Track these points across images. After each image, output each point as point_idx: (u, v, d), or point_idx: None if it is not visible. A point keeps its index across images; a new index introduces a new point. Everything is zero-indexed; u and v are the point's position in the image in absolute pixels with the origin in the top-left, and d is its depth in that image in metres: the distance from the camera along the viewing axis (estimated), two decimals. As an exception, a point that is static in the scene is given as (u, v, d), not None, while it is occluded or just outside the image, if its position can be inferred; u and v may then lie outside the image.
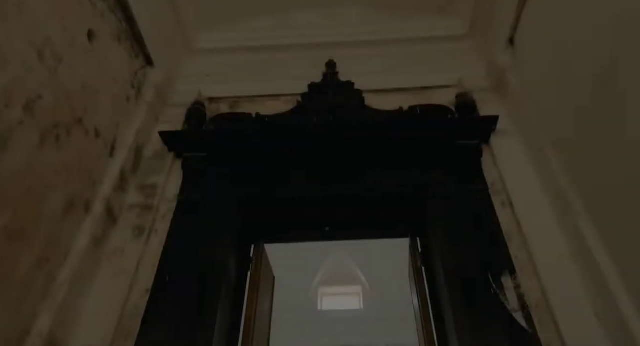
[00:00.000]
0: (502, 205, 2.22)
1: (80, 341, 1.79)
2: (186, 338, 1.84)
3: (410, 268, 2.59)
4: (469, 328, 1.82)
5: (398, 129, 2.51)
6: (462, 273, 1.99)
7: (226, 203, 2.33)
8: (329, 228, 2.58)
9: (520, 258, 2.01)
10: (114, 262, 2.06)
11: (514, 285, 1.91)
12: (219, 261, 2.09)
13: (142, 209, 2.27)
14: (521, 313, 1.82)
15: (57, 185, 1.80)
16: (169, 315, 1.91)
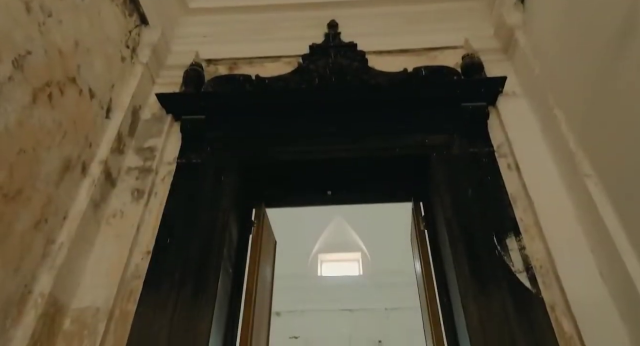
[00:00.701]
0: (508, 168, 2.18)
1: (83, 302, 1.79)
2: (188, 300, 1.83)
3: (412, 232, 2.58)
4: (472, 289, 1.81)
5: (402, 91, 2.44)
6: (466, 236, 1.97)
7: (226, 166, 2.28)
8: (331, 192, 2.54)
9: (526, 220, 1.99)
10: (113, 225, 2.03)
11: (518, 247, 1.90)
12: (220, 224, 2.07)
13: (141, 172, 2.23)
14: (525, 274, 1.82)
15: (52, 145, 1.75)
16: (170, 277, 1.90)
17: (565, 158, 1.99)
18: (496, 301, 1.77)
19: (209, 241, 2.02)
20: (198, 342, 1.72)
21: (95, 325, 1.73)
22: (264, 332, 2.44)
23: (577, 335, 1.65)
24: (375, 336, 6.96)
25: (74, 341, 1.69)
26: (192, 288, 1.87)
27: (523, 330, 1.67)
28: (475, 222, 2.01)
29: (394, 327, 6.92)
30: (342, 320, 7.13)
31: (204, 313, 1.80)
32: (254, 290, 2.21)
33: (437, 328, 2.04)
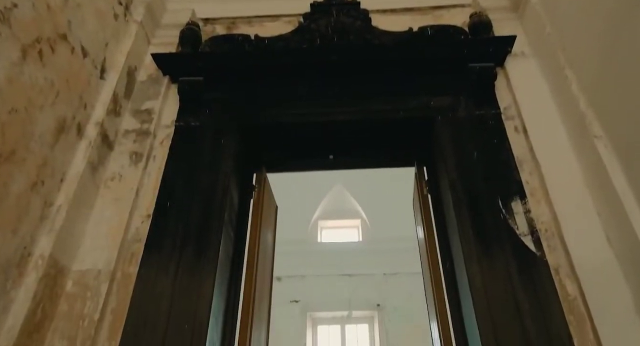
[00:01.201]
0: (515, 130, 2.13)
1: (85, 264, 1.78)
2: (190, 263, 1.82)
3: (415, 196, 2.55)
4: (476, 252, 1.80)
5: (406, 50, 2.35)
6: (470, 199, 1.94)
7: (225, 129, 2.23)
8: (333, 157, 2.50)
9: (532, 183, 1.96)
10: (112, 188, 2.00)
11: (524, 210, 1.87)
12: (220, 187, 2.03)
13: (139, 135, 2.17)
14: (530, 237, 1.80)
15: (45, 105, 1.69)
16: (171, 240, 1.88)
17: (575, 120, 1.93)
18: (500, 263, 1.76)
19: (209, 204, 1.99)
20: (201, 304, 1.72)
21: (98, 286, 1.73)
22: (266, 296, 2.46)
23: (580, 296, 1.65)
24: (374, 300, 7.11)
25: (77, 303, 1.68)
26: (193, 251, 1.85)
27: (526, 292, 1.67)
28: (480, 185, 1.98)
29: (392, 292, 7.05)
30: (341, 284, 7.25)
31: (207, 276, 1.79)
32: (256, 254, 2.21)
33: (439, 291, 2.05)
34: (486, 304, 1.67)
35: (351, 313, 7.11)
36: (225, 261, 2.01)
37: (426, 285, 2.41)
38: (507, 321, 1.62)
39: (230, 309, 2.03)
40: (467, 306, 1.78)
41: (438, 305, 2.00)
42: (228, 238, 2.05)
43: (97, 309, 1.68)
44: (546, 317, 1.61)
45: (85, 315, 1.66)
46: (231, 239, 2.13)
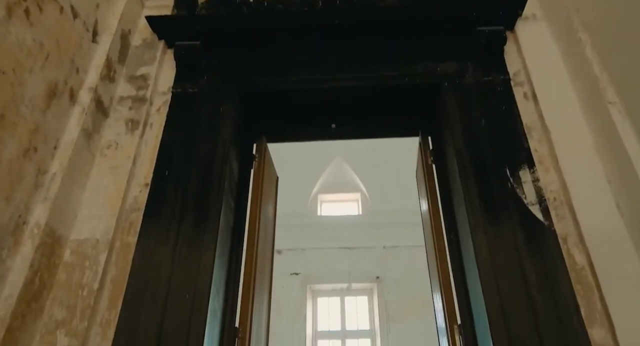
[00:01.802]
0: (524, 97, 2.06)
1: (82, 233, 1.74)
2: (190, 232, 1.78)
3: (419, 167, 2.50)
4: (482, 221, 1.76)
5: (412, 11, 2.24)
6: (477, 167, 1.88)
7: (224, 96, 2.15)
8: (335, 126, 2.43)
9: (541, 151, 1.90)
10: (108, 156, 1.94)
11: (532, 179, 1.82)
12: (220, 155, 1.97)
13: (134, 102, 2.10)
14: (538, 206, 1.76)
15: (35, 68, 1.61)
16: (170, 209, 1.84)
17: (588, 85, 1.86)
18: (507, 233, 1.72)
19: (209, 172, 1.93)
20: (202, 274, 1.69)
21: (96, 256, 1.69)
22: (267, 267, 2.44)
23: (589, 266, 1.62)
24: (374, 273, 7.16)
25: (75, 272, 1.65)
26: (193, 220, 1.81)
27: (533, 262, 1.64)
28: (487, 153, 1.92)
29: (392, 264, 7.10)
30: (341, 257, 7.29)
31: (207, 245, 1.75)
32: (257, 224, 2.17)
33: (443, 262, 2.02)
34: (492, 274, 1.64)
35: (351, 286, 7.18)
36: (226, 231, 1.97)
37: (429, 256, 2.39)
38: (514, 291, 1.59)
39: (232, 279, 2.00)
40: (473, 277, 1.75)
41: (442, 275, 1.98)
42: (228, 208, 2.01)
43: (97, 278, 1.65)
44: (553, 287, 1.58)
45: (84, 285, 1.63)
46: (231, 209, 2.08)
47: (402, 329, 6.45)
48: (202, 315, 1.61)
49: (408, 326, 6.47)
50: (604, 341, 1.49)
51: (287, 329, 6.58)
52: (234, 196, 2.15)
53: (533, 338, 1.49)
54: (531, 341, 1.49)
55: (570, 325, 1.51)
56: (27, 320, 1.48)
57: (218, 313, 1.80)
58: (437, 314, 2.21)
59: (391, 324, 6.56)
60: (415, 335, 6.31)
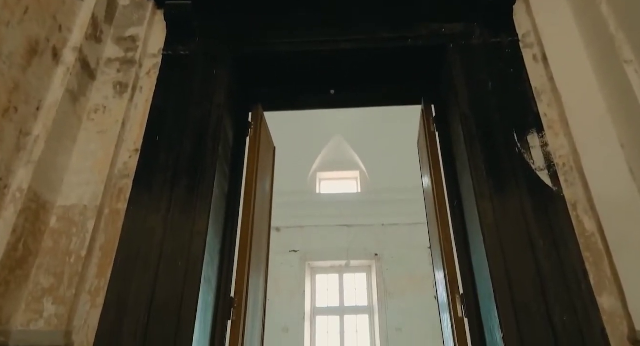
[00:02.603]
0: (534, 59, 1.95)
1: (69, 199, 1.66)
2: (182, 198, 1.70)
3: (421, 135, 2.41)
4: (488, 189, 1.68)
5: (418, -30, 2.12)
6: (483, 133, 1.80)
7: (218, 58, 2.04)
8: (334, 92, 2.32)
9: (550, 115, 1.81)
10: (96, 120, 1.84)
11: (540, 144, 1.74)
12: (214, 119, 1.88)
13: (123, 64, 1.99)
14: (547, 172, 1.68)
15: (12, 21, 1.50)
16: (162, 175, 1.76)
17: (603, 44, 1.75)
18: (514, 200, 1.64)
19: (202, 137, 1.84)
20: (195, 240, 1.62)
21: (84, 223, 1.62)
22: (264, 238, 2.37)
23: (599, 232, 1.55)
24: (372, 250, 7.16)
25: (62, 239, 1.58)
26: (186, 186, 1.73)
27: (541, 228, 1.57)
28: (494, 118, 1.83)
29: (391, 242, 7.10)
30: (340, 235, 7.28)
31: (200, 212, 1.68)
32: (253, 193, 2.09)
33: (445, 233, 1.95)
34: (498, 241, 1.57)
35: (349, 263, 7.19)
36: (221, 198, 1.89)
37: (430, 226, 2.33)
38: (520, 258, 1.53)
39: (227, 247, 1.94)
40: (477, 245, 1.69)
41: (444, 244, 1.91)
42: (223, 174, 1.93)
43: (84, 245, 1.58)
44: (561, 254, 1.52)
45: (71, 252, 1.56)
46: (226, 176, 2.00)
47: (400, 305, 6.49)
48: (196, 283, 1.54)
49: (406, 302, 6.51)
50: (613, 309, 1.44)
51: (286, 305, 6.60)
52: (229, 163, 2.06)
53: (539, 306, 1.44)
54: (537, 309, 1.43)
55: (578, 293, 1.45)
56: (11, 287, 1.41)
57: (212, 282, 1.74)
58: (438, 285, 2.16)
59: (389, 300, 6.59)
60: (413, 311, 6.35)
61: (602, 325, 1.40)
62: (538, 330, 1.40)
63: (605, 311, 1.43)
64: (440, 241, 1.94)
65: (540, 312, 1.43)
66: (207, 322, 1.66)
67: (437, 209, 2.02)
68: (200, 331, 1.57)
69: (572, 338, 1.38)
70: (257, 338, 2.13)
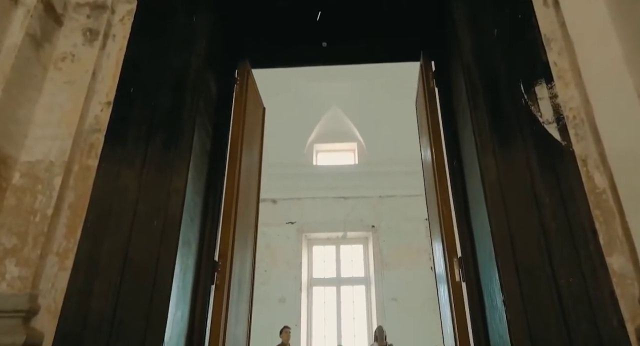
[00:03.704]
0: (543, 4, 1.77)
1: (34, 154, 1.52)
2: (158, 154, 1.57)
3: (420, 92, 2.26)
4: (491, 144, 1.55)
5: None
6: (487, 84, 1.65)
7: (199, 4, 1.86)
8: (326, 44, 2.15)
9: (561, 65, 1.65)
10: (64, 70, 1.68)
11: (549, 95, 1.59)
12: (193, 70, 1.73)
13: (93, 9, 1.81)
14: (555, 125, 1.54)
15: (-43, -51, 1.32)
16: (136, 129, 1.62)
17: (622, -16, 1.58)
18: (518, 155, 1.51)
19: (181, 89, 1.69)
20: (173, 199, 1.50)
21: (50, 179, 1.48)
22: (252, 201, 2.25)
23: (610, 189, 1.42)
24: (369, 222, 7.12)
25: (25, 197, 1.45)
26: (162, 142, 1.59)
27: (548, 185, 1.44)
28: (499, 68, 1.67)
29: (387, 213, 7.05)
30: (337, 206, 7.22)
31: (178, 168, 1.55)
32: (239, 151, 1.95)
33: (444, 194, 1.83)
34: (500, 199, 1.45)
35: (346, 234, 7.15)
36: (202, 157, 1.76)
37: (428, 190, 2.21)
38: (524, 216, 1.41)
39: (210, 209, 1.82)
40: (478, 203, 1.57)
41: (441, 206, 1.79)
42: (204, 132, 1.79)
43: (50, 204, 1.45)
44: (569, 212, 1.40)
45: (36, 210, 1.43)
46: (208, 133, 1.86)
47: (396, 276, 6.49)
48: (173, 244, 1.43)
49: (402, 273, 6.51)
50: (623, 271, 1.32)
51: (282, 276, 6.60)
52: (212, 120, 1.92)
53: (544, 267, 1.32)
54: (542, 270, 1.32)
55: (586, 254, 1.33)
56: (-32, 246, 1.29)
57: (193, 244, 1.62)
58: (435, 251, 2.06)
59: (385, 271, 6.58)
60: (409, 282, 6.35)
61: (611, 287, 1.29)
62: (542, 293, 1.29)
63: (615, 273, 1.32)
64: (438, 202, 1.82)
65: (544, 274, 1.31)
66: (187, 286, 1.56)
67: (435, 170, 1.89)
68: (179, 295, 1.46)
69: (578, 301, 1.27)
70: (245, 305, 2.04)
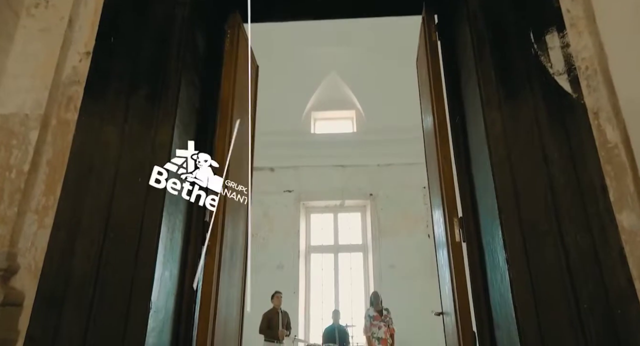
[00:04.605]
0: (557, -53, 1.64)
1: (7, 107, 1.43)
2: (142, 108, 1.47)
3: (421, 46, 2.13)
4: (498, 97, 1.45)
5: None
6: (495, 33, 1.54)
7: (182, -55, 1.71)
8: (322, -5, 2.01)
9: (574, 12, 1.54)
10: (37, 17, 1.56)
11: (560, 45, 1.48)
12: (179, 21, 1.61)
13: (68, -49, 1.66)
14: (566, 76, 1.44)
15: None
16: (118, 81, 1.51)
17: None
18: (526, 107, 1.42)
19: (165, 40, 1.58)
20: (158, 154, 1.41)
21: (26, 134, 1.39)
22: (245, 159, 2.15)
23: (623, 143, 1.34)
24: (367, 190, 7.08)
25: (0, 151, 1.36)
26: (146, 94, 1.49)
27: (556, 139, 1.36)
28: (508, 16, 1.56)
29: (385, 182, 7.00)
30: (335, 175, 7.16)
31: (164, 122, 1.45)
32: (230, 106, 1.85)
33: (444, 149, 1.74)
34: (505, 154, 1.37)
35: (344, 203, 7.13)
36: (189, 112, 1.66)
37: (428, 149, 2.12)
38: (531, 171, 1.33)
39: (200, 169, 1.73)
40: (481, 159, 1.48)
41: (442, 162, 1.70)
42: (192, 86, 1.68)
43: (27, 159, 1.36)
44: (578, 167, 1.32)
45: (11, 166, 1.35)
46: (197, 90, 1.75)
47: (393, 243, 6.50)
48: (159, 200, 1.35)
49: (399, 240, 6.52)
50: (633, 228, 1.26)
51: (281, 243, 6.60)
52: (200, 75, 1.80)
53: (550, 224, 1.26)
54: (547, 227, 1.26)
55: (595, 210, 1.27)
56: (-61, 203, 1.22)
57: (181, 203, 1.54)
58: (434, 212, 1.99)
59: (383, 239, 6.60)
60: (406, 249, 6.38)
61: (620, 245, 1.23)
62: (547, 251, 1.23)
63: (625, 230, 1.25)
64: (438, 160, 1.73)
65: (550, 231, 1.25)
66: (176, 246, 1.49)
67: (437, 127, 1.79)
68: (167, 254, 1.40)
69: (585, 259, 1.21)
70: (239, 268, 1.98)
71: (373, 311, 4.36)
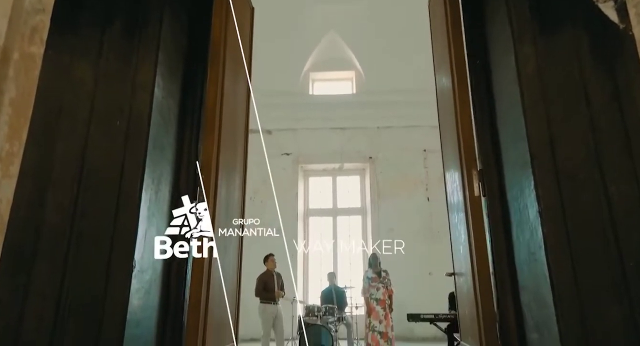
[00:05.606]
0: None
1: (-41, 38, 1.21)
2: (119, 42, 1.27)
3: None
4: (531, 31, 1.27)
5: None
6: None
7: None
8: None
9: None
10: None
11: (606, -32, 1.27)
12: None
13: None
14: (612, 3, 1.24)
15: None
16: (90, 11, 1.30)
17: None
18: (564, 42, 1.23)
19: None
20: (139, 94, 1.23)
21: (-16, 69, 1.19)
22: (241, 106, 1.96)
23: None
24: (366, 153, 6.95)
25: (-47, 89, 1.17)
26: (123, 27, 1.29)
27: (599, 76, 1.17)
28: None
29: (385, 144, 6.87)
30: (333, 137, 7.01)
31: (144, 59, 1.26)
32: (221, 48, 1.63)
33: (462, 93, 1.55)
34: (539, 95, 1.19)
35: (343, 165, 7.02)
36: (176, 54, 1.46)
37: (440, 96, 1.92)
38: (569, 114, 1.16)
39: (189, 117, 1.54)
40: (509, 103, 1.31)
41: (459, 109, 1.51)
42: (177, 23, 1.47)
43: (-14, 98, 1.17)
44: (624, 108, 1.14)
45: (-32, 105, 1.16)
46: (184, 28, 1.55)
47: (392, 206, 6.45)
48: (141, 145, 1.18)
49: (398, 203, 6.47)
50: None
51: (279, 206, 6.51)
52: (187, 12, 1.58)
53: (590, 172, 1.10)
54: (588, 176, 1.09)
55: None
56: None
57: (168, 151, 1.37)
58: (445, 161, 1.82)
59: (382, 202, 6.54)
60: (405, 212, 6.33)
61: (670, 195, 1.07)
62: (587, 203, 1.07)
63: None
64: (455, 106, 1.54)
65: (591, 180, 1.09)
66: (163, 197, 1.33)
67: (454, 69, 1.60)
68: (152, 207, 1.24)
69: (630, 211, 1.06)
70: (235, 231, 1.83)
71: (372, 273, 4.30)
